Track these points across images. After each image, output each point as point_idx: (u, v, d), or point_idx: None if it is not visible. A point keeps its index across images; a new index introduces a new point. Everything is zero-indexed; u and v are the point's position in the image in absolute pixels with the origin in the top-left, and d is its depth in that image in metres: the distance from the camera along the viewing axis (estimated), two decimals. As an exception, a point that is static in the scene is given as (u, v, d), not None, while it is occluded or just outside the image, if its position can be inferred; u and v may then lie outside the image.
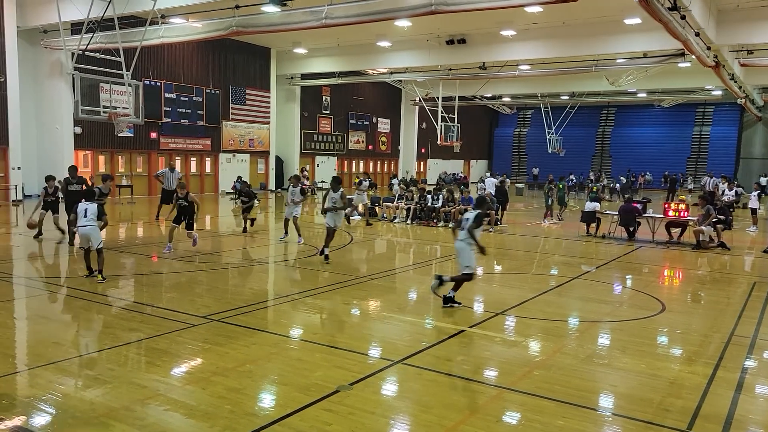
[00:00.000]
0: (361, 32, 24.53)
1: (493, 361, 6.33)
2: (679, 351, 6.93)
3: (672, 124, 46.87)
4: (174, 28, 20.44)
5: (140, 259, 11.84)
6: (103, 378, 5.44)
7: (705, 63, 21.18)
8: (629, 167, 42.75)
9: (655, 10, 14.09)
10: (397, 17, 17.38)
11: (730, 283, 10.90)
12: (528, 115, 52.68)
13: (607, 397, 5.45)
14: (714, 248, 14.51)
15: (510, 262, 12.81)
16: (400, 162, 44.65)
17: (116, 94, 17.97)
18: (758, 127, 43.75)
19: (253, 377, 5.60)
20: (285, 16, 17.94)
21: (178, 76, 27.49)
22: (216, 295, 8.94)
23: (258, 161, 32.40)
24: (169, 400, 4.99)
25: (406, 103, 43.72)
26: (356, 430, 4.54)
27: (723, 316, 8.44)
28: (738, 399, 5.32)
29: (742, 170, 43.72)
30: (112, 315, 7.83)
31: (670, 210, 15.76)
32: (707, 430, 4.70)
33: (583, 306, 9.06)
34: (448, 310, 8.15)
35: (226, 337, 6.73)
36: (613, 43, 23.11)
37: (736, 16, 19.64)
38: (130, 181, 25.56)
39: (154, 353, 6.19)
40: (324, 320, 7.91)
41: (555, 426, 4.68)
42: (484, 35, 25.19)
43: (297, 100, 34.52)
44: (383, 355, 6.37)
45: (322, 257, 11.41)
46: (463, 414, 4.90)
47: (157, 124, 26.60)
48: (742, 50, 24.37)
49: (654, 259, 13.50)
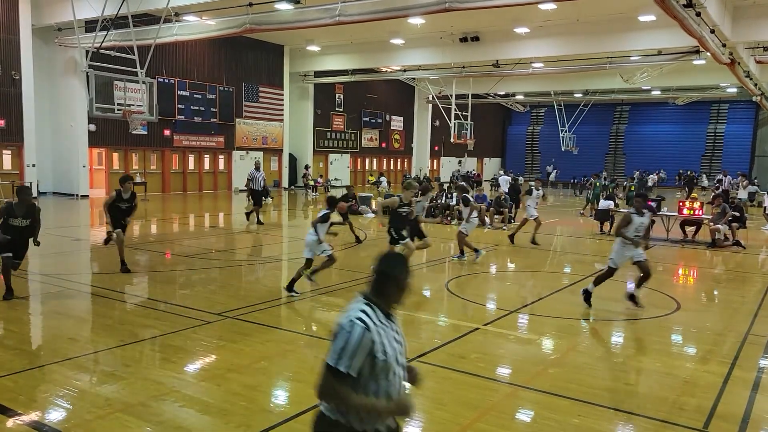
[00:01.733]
0: (374, 29, 24.47)
1: (507, 359, 6.32)
2: (694, 350, 6.88)
3: (686, 121, 46.36)
4: (188, 26, 20.54)
5: (154, 256, 11.93)
6: (118, 374, 5.50)
7: (720, 60, 20.91)
8: (639, 168, 42.30)
9: (669, 7, 13.93)
10: (411, 14, 17.34)
11: (745, 282, 10.79)
12: (541, 113, 52.36)
13: (621, 395, 5.42)
14: (729, 247, 14.36)
15: (524, 260, 12.76)
16: (414, 160, 44.59)
17: (130, 92, 18.10)
18: (774, 125, 43.17)
19: (268, 374, 5.63)
20: (298, 14, 17.97)
21: (191, 74, 27.63)
22: (230, 292, 8.99)
23: (271, 159, 32.50)
24: (184, 397, 5.03)
25: (419, 100, 43.61)
26: (370, 427, 4.55)
27: (738, 314, 8.35)
28: (755, 398, 5.27)
29: (757, 168, 43.16)
30: (127, 311, 7.91)
31: (684, 208, 15.62)
32: (723, 429, 4.66)
33: (597, 304, 8.99)
34: (467, 307, 8.14)
35: (241, 334, 6.77)
36: (627, 41, 22.89)
37: (752, 12, 19.37)
38: (143, 178, 25.74)
39: (169, 350, 6.24)
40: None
41: (570, 424, 4.67)
42: (497, 33, 25.06)
43: (310, 97, 34.57)
44: (397, 353, 6.37)
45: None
46: (477, 411, 4.89)
47: (170, 122, 26.76)
48: (758, 47, 24.02)
49: (668, 257, 13.38)
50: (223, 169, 30.22)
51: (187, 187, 28.48)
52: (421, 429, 4.67)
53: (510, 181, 22.40)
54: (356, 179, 39.75)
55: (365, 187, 36.49)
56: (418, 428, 4.68)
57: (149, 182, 25.76)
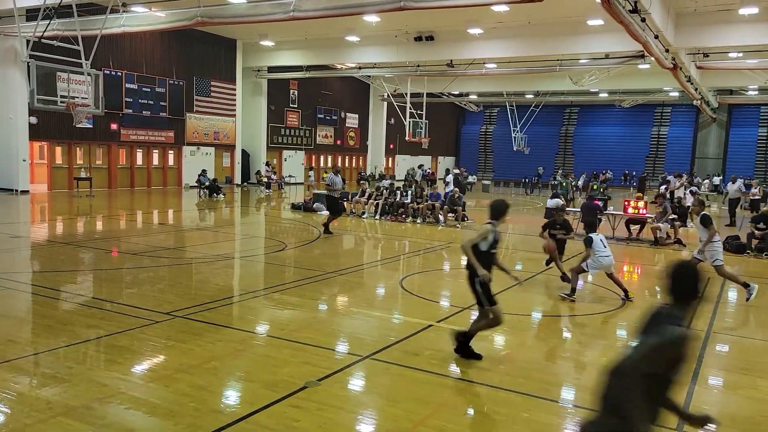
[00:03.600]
0: (329, 26, 24.36)
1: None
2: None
3: (632, 123, 48.04)
4: (136, 17, 19.91)
5: (99, 254, 11.54)
6: (60, 376, 5.29)
7: (663, 65, 21.76)
8: (587, 168, 43.56)
9: (616, 12, 14.39)
10: (366, 12, 17.31)
11: (686, 279, 11.23)
12: (494, 113, 53.24)
13: (569, 389, 5.56)
14: (671, 245, 14.95)
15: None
16: (369, 157, 44.62)
17: (74, 84, 17.43)
18: (712, 128, 45.17)
19: (219, 374, 5.53)
20: (252, 8, 17.68)
21: (140, 66, 26.83)
22: (180, 290, 8.78)
23: (224, 154, 31.92)
24: (131, 399, 4.88)
25: (374, 98, 43.65)
26: (324, 425, 4.53)
27: (680, 310, 8.68)
28: (693, 390, 5.50)
29: (697, 169, 45.16)
30: (70, 311, 7.61)
31: (629, 207, 16.17)
32: (663, 420, 4.84)
33: (546, 301, 9.22)
34: (421, 304, 8.18)
35: (191, 333, 6.62)
36: (576, 44, 23.54)
37: (694, 20, 20.23)
38: (89, 173, 24.86)
39: (115, 350, 6.05)
40: (291, 316, 7.85)
41: (520, 418, 4.76)
42: (451, 33, 25.33)
43: (264, 93, 34.10)
44: (351, 351, 6.37)
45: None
46: (430, 407, 4.93)
47: (117, 115, 25.92)
48: (699, 53, 25.11)
49: (614, 255, 13.78)
50: (172, 164, 29.47)
51: (135, 183, 27.66)
52: (374, 426, 4.68)
53: (454, 175, 22.80)
54: (315, 176, 39.47)
55: (319, 184, 36.26)
56: (371, 426, 4.68)
57: (95, 178, 24.87)
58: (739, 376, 5.96)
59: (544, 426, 4.69)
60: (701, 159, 45.68)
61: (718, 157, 45.10)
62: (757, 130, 44.09)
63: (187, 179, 29.37)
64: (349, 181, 38.33)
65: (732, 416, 5.00)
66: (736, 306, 9.35)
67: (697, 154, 46.00)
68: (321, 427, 4.50)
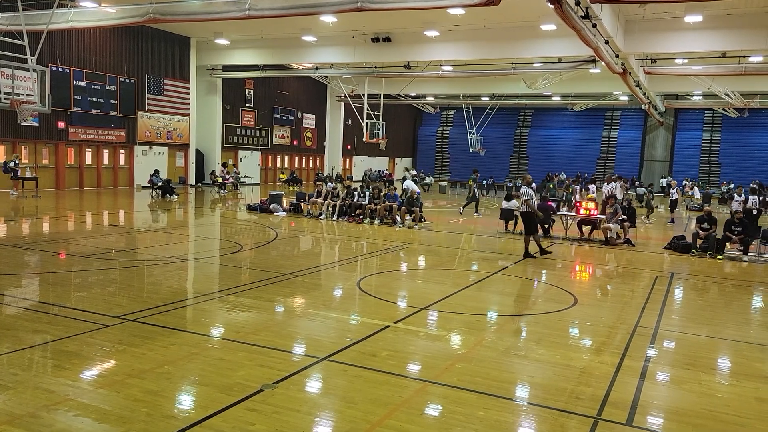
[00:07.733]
0: (285, 25, 24.18)
1: (417, 356, 6.44)
2: (589, 342, 7.32)
3: (583, 127, 49.41)
4: (84, 12, 19.30)
5: (46, 257, 11.12)
6: (4, 383, 5.07)
7: (613, 70, 22.46)
8: (543, 170, 44.56)
9: (569, 18, 14.78)
10: (322, 12, 17.25)
11: (634, 278, 11.62)
12: (451, 115, 53.85)
13: (523, 387, 5.67)
14: (621, 245, 15.43)
15: (433, 258, 13.06)
16: (326, 158, 44.44)
17: (19, 80, 16.78)
18: (660, 132, 46.89)
19: (172, 379, 5.40)
20: (206, 6, 17.38)
21: (89, 63, 26.00)
22: (131, 293, 8.55)
23: (177, 154, 31.24)
24: (80, 405, 4.73)
25: (331, 99, 43.52)
26: (281, 428, 4.49)
27: (628, 308, 8.98)
28: (642, 386, 5.68)
29: (646, 172, 46.82)
30: (14, 316, 7.31)
31: (581, 208, 16.60)
32: (615, 416, 4.99)
33: (501, 300, 9.39)
34: (378, 305, 8.19)
35: (143, 337, 6.45)
36: (530, 48, 24.06)
37: (642, 26, 20.98)
38: (35, 173, 23.94)
39: (62, 356, 5.84)
40: (247, 318, 7.74)
41: (476, 417, 4.82)
42: (408, 35, 25.50)
43: (219, 92, 33.55)
44: (308, 353, 6.33)
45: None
46: (388, 408, 4.95)
47: (65, 113, 25.06)
48: (647, 59, 26.04)
49: (567, 254, 14.18)
50: (123, 164, 28.69)
51: (84, 183, 26.79)
52: (331, 428, 4.66)
53: (411, 179, 23.13)
54: (267, 177, 39.08)
55: (276, 185, 35.95)
56: (328, 428, 4.66)
57: (41, 177, 23.97)
58: (684, 371, 6.20)
59: (500, 423, 4.77)
60: (649, 161, 47.34)
61: (665, 160, 46.83)
62: (701, 134, 46.01)
63: (138, 179, 28.64)
64: (306, 182, 38.11)
65: (677, 410, 5.19)
66: (682, 304, 9.72)
67: (646, 156, 47.64)
68: (278, 431, 4.46)
